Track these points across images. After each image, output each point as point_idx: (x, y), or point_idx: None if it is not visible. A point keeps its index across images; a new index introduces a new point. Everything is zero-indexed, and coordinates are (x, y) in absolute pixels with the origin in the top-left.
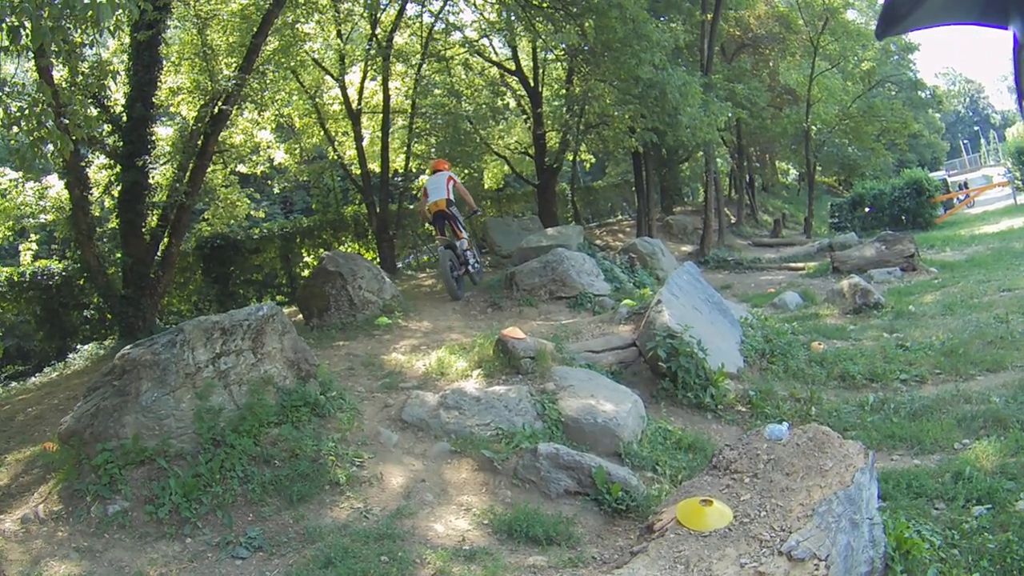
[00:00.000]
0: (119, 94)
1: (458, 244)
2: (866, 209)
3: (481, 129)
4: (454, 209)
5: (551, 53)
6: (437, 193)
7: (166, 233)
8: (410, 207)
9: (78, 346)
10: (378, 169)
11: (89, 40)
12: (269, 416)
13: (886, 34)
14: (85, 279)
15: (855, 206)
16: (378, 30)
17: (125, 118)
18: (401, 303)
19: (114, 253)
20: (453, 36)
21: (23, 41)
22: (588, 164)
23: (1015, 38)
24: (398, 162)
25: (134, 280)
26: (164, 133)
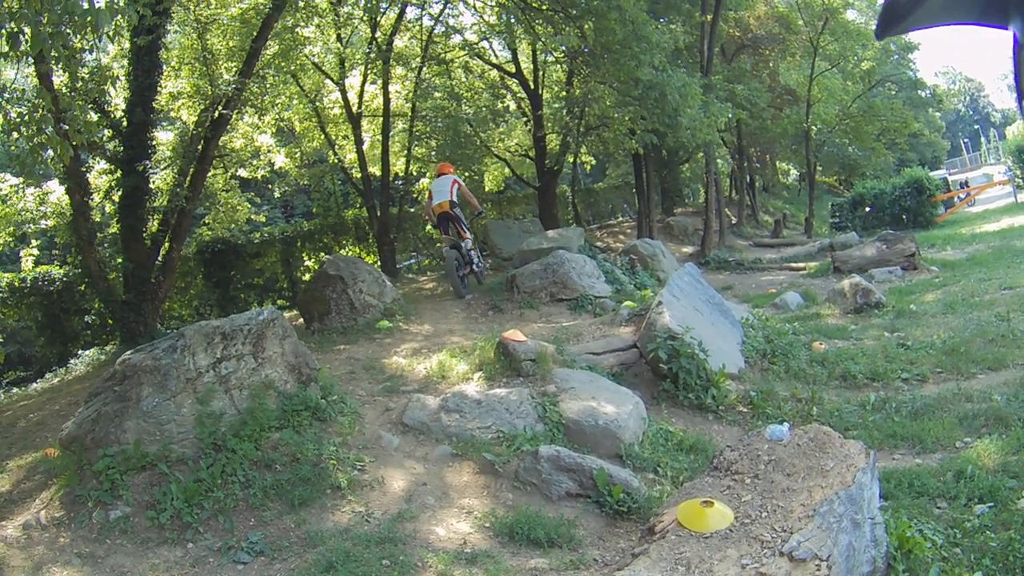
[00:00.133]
0: (119, 99)
1: (463, 244)
2: (867, 209)
3: (481, 132)
4: (458, 211)
5: (551, 55)
6: (441, 195)
7: (167, 238)
8: (411, 210)
9: (79, 352)
10: (379, 172)
11: (89, 46)
12: (270, 420)
13: (886, 34)
14: (86, 284)
15: (856, 206)
16: (378, 33)
17: (125, 123)
18: (402, 306)
19: (115, 258)
20: (453, 39)
21: (23, 47)
22: (588, 166)
23: (1015, 38)
24: (398, 165)
25: (135, 285)
26: (164, 138)
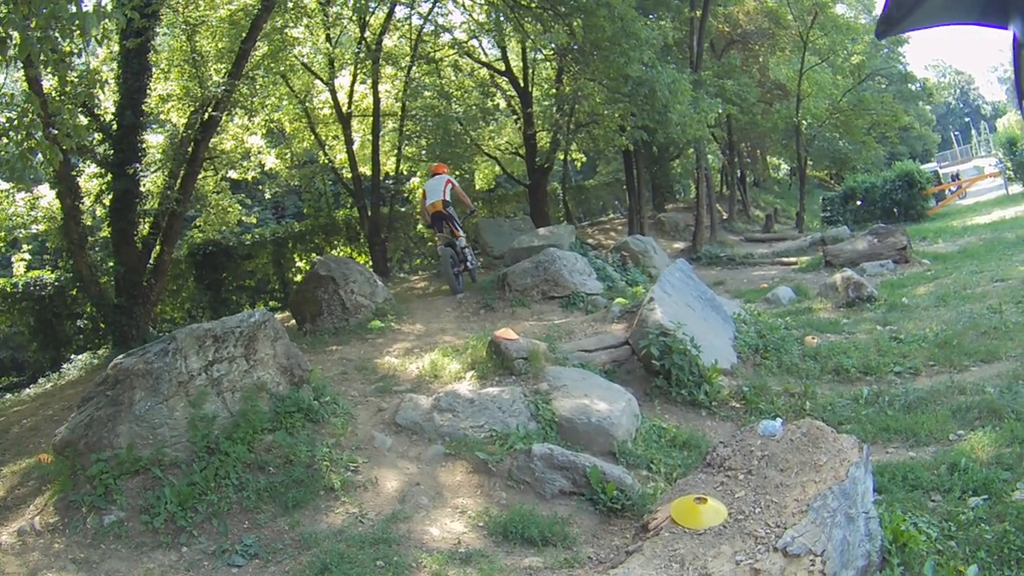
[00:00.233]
0: (109, 102)
1: (457, 242)
2: (858, 202)
3: (471, 130)
4: (451, 210)
5: (540, 53)
6: (435, 195)
7: (158, 241)
8: (401, 210)
9: (72, 356)
10: (369, 172)
11: (78, 49)
12: (263, 423)
13: (887, 33)
14: (78, 289)
15: (847, 200)
16: (367, 33)
17: (115, 126)
18: (394, 306)
19: (106, 262)
20: (442, 38)
21: (11, 52)
22: (579, 163)
23: (1015, 38)
24: (389, 165)
25: (127, 289)
26: (154, 140)
